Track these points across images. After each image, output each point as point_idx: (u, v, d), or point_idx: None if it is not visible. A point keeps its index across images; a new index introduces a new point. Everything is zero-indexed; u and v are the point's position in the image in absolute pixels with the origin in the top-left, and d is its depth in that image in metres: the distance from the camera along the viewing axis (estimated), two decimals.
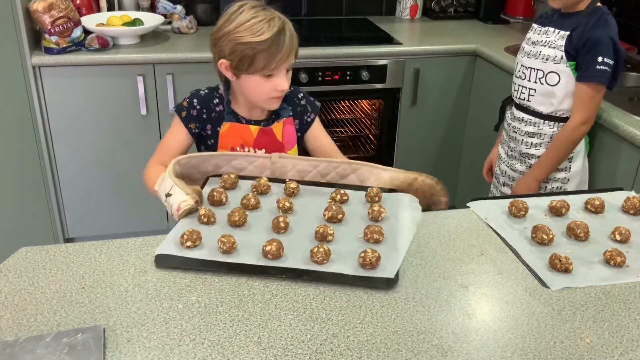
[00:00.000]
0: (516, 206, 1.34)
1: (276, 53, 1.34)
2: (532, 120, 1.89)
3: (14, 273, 1.09)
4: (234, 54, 1.35)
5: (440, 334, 0.98)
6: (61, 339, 0.92)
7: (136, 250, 1.17)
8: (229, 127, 1.45)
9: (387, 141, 2.83)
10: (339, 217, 1.24)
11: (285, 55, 1.36)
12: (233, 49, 1.34)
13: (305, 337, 0.96)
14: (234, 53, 1.35)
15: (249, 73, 1.37)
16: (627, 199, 1.40)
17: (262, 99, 1.42)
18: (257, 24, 1.33)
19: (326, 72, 2.57)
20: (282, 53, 1.35)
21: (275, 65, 1.36)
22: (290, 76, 1.44)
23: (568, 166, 1.89)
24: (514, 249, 1.22)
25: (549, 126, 1.87)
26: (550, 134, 1.87)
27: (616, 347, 0.96)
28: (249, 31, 1.33)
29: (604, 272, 1.16)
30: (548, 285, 1.11)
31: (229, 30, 1.34)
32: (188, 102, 1.47)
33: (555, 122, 1.86)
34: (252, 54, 1.33)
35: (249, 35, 1.31)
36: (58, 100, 2.38)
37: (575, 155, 1.88)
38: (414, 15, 3.16)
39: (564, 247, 1.23)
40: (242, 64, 1.35)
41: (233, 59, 1.36)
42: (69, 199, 2.56)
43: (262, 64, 1.35)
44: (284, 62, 1.37)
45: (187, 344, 0.93)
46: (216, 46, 1.39)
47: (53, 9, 2.29)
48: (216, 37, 1.39)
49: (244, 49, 1.33)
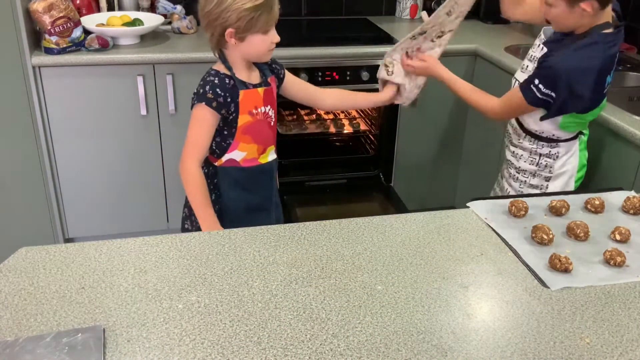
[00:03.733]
0: (516, 206, 1.34)
1: (272, 11, 1.57)
2: (517, 130, 1.87)
3: (14, 273, 1.09)
4: (241, 20, 1.54)
5: (440, 334, 0.98)
6: (61, 339, 0.92)
7: (136, 250, 1.17)
8: (244, 94, 1.63)
9: (387, 141, 2.82)
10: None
11: (277, 11, 1.60)
12: (239, 16, 1.53)
13: (305, 337, 0.96)
14: (240, 19, 1.54)
15: (253, 33, 1.57)
16: (627, 199, 1.40)
17: (262, 53, 1.64)
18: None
19: (326, 72, 2.57)
20: (275, 9, 1.58)
21: (273, 21, 1.59)
22: None
23: (545, 185, 1.85)
24: (513, 249, 1.22)
25: (529, 142, 1.82)
26: (529, 150, 1.83)
27: (616, 347, 0.96)
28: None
29: (604, 272, 1.16)
30: (548, 285, 1.11)
31: (230, 2, 1.53)
32: (212, 92, 1.59)
33: (535, 139, 1.81)
34: (257, 16, 1.54)
35: (250, 1, 1.52)
36: (58, 100, 2.38)
37: (554, 177, 1.83)
38: (414, 15, 3.16)
39: (564, 247, 1.23)
40: (248, 26, 1.55)
41: (240, 25, 1.54)
42: (69, 199, 2.56)
43: (263, 21, 1.56)
44: (276, 18, 1.60)
45: (187, 344, 0.93)
46: (219, 19, 1.55)
47: (53, 9, 2.28)
48: (216, 12, 1.55)
49: (248, 14, 1.53)
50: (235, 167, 1.67)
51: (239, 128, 1.63)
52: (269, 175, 1.76)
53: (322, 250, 1.20)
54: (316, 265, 1.15)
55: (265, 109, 1.68)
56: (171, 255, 1.17)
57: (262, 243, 1.22)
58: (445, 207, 2.79)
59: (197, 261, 1.15)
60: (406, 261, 1.17)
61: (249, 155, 1.67)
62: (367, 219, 1.33)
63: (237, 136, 1.64)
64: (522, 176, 1.89)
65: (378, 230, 1.29)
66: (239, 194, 1.70)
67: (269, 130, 1.71)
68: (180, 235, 1.25)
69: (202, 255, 1.17)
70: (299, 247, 1.21)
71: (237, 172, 1.68)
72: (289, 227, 1.29)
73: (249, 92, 1.64)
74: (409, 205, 2.71)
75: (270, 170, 1.76)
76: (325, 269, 1.14)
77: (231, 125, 1.64)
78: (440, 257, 1.19)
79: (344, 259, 1.18)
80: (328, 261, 1.17)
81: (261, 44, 1.60)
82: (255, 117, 1.65)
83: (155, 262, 1.14)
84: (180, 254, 1.17)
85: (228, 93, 1.60)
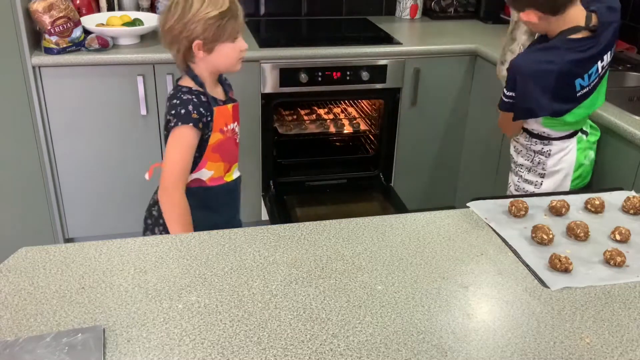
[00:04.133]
0: (516, 206, 1.34)
1: (238, 17, 1.54)
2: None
3: (14, 273, 1.09)
4: (207, 30, 1.49)
5: (440, 334, 0.98)
6: (61, 339, 0.92)
7: (136, 250, 1.17)
8: (217, 111, 1.58)
9: (387, 141, 2.82)
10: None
11: (242, 17, 1.56)
12: (205, 26, 1.48)
13: (305, 337, 0.96)
14: (207, 29, 1.49)
15: (222, 42, 1.53)
16: (627, 199, 1.40)
17: (232, 63, 1.59)
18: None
19: (326, 72, 2.57)
20: (241, 15, 1.55)
21: (240, 28, 1.55)
22: None
23: (539, 182, 1.85)
24: (513, 249, 1.22)
25: (525, 138, 1.83)
26: (525, 146, 1.84)
27: (616, 347, 0.96)
28: (213, 5, 1.49)
29: (604, 272, 1.16)
30: (548, 285, 1.11)
31: (194, 13, 1.48)
32: (197, 112, 1.53)
33: (529, 135, 1.82)
34: (223, 23, 1.50)
35: (214, 9, 1.48)
36: (58, 100, 2.38)
37: (548, 175, 1.83)
38: (414, 15, 3.16)
39: (564, 247, 1.23)
40: (216, 35, 1.51)
41: (207, 35, 1.50)
42: (69, 199, 2.56)
43: (231, 29, 1.52)
44: (242, 23, 1.57)
45: (187, 344, 0.93)
46: (184, 32, 1.50)
47: (53, 9, 2.28)
48: (179, 27, 1.50)
49: (214, 22, 1.49)
50: (201, 187, 1.63)
51: (209, 147, 1.59)
52: (234, 194, 1.74)
53: (322, 250, 1.20)
54: (316, 265, 1.15)
55: (233, 126, 1.65)
56: (171, 255, 1.17)
57: (262, 243, 1.22)
58: (445, 207, 2.80)
59: (197, 261, 1.15)
60: (406, 261, 1.17)
61: (215, 174, 1.64)
62: (367, 219, 1.33)
63: (206, 155, 1.59)
64: (520, 171, 1.90)
65: (378, 230, 1.29)
66: (205, 214, 1.65)
67: (235, 147, 1.69)
68: (180, 235, 1.25)
69: (202, 255, 1.17)
70: (299, 247, 1.21)
71: (203, 192, 1.64)
72: (289, 227, 1.29)
73: (221, 109, 1.59)
74: (409, 205, 2.71)
75: (235, 188, 1.73)
76: (325, 269, 1.14)
77: (202, 145, 1.58)
78: (440, 257, 1.19)
79: (344, 259, 1.18)
80: (328, 261, 1.17)
81: (231, 53, 1.55)
82: (225, 135, 1.61)
83: (155, 262, 1.14)
84: (180, 254, 1.17)
85: (208, 112, 1.56)
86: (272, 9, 3.05)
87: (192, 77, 1.57)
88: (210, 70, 1.58)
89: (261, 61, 2.47)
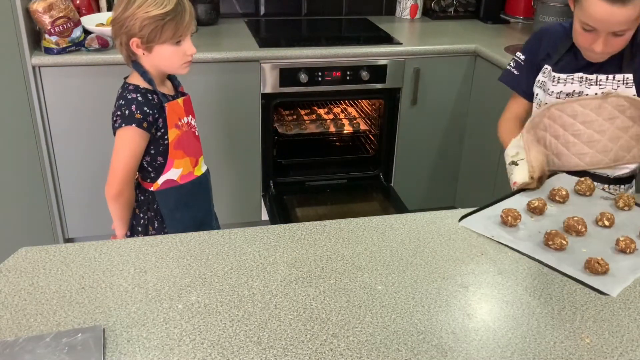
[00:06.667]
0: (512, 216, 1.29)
1: (181, 21, 1.48)
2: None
3: (14, 273, 1.09)
4: (144, 29, 1.46)
5: (440, 334, 0.98)
6: (61, 339, 0.92)
7: (136, 250, 1.17)
8: (169, 106, 1.56)
9: (387, 141, 2.82)
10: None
11: (189, 22, 1.51)
12: (142, 24, 1.45)
13: (305, 337, 0.96)
14: (144, 28, 1.46)
15: (160, 43, 1.49)
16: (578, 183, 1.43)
17: (176, 66, 1.55)
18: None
19: (326, 72, 2.57)
20: (186, 20, 1.49)
21: (182, 32, 1.50)
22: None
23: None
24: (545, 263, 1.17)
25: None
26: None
27: (616, 347, 0.96)
28: (154, 5, 1.46)
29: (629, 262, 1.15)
30: (607, 293, 1.08)
31: (135, 9, 1.45)
32: (140, 112, 1.52)
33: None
34: (161, 25, 1.46)
35: (155, 8, 1.44)
36: (58, 100, 2.37)
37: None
38: (414, 15, 3.16)
39: (579, 247, 1.21)
40: (152, 35, 1.47)
41: (144, 34, 1.47)
42: (69, 199, 2.56)
43: (171, 32, 1.48)
44: (188, 29, 1.52)
45: (187, 344, 0.93)
46: (123, 27, 1.48)
47: (53, 9, 2.28)
48: (122, 19, 1.48)
49: (151, 22, 1.45)
50: (173, 187, 1.63)
51: (171, 144, 1.57)
52: (205, 186, 1.73)
53: (322, 250, 1.20)
54: (316, 265, 1.15)
55: (188, 119, 1.62)
56: (171, 255, 1.17)
57: (262, 243, 1.22)
58: (445, 207, 2.80)
59: (197, 261, 1.15)
60: (406, 261, 1.17)
61: (185, 171, 1.63)
62: (367, 219, 1.33)
63: (170, 154, 1.58)
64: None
65: (378, 230, 1.29)
66: (183, 213, 1.65)
67: (196, 141, 1.67)
68: (180, 235, 1.25)
69: (202, 255, 1.17)
70: (299, 247, 1.21)
71: (177, 191, 1.63)
72: (289, 227, 1.29)
73: (172, 104, 1.57)
74: (409, 205, 2.71)
75: (206, 181, 1.73)
76: (325, 269, 1.14)
77: (159, 142, 1.57)
78: (440, 257, 1.19)
79: (344, 259, 1.18)
80: (328, 261, 1.17)
81: (172, 56, 1.51)
82: (181, 129, 1.59)
83: (155, 262, 1.14)
84: (180, 254, 1.17)
85: (155, 110, 1.53)
86: (272, 9, 3.05)
87: (141, 73, 1.55)
88: (154, 68, 1.55)
89: (261, 61, 2.47)
